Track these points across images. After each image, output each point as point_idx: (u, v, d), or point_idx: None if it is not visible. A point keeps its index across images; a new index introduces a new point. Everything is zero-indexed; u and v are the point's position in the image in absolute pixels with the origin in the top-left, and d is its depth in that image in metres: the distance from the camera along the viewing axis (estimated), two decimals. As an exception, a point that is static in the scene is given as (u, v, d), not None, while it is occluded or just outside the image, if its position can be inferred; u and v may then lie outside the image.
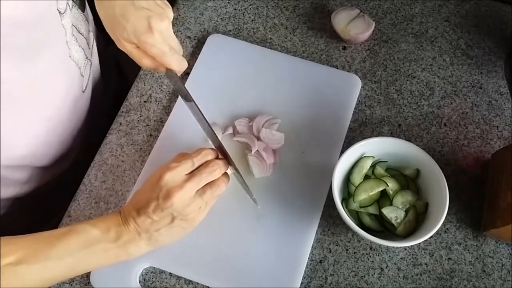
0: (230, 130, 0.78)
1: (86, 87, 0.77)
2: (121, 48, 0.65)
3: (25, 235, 0.58)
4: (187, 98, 0.66)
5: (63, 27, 0.65)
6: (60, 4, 0.63)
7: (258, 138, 0.76)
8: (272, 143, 0.76)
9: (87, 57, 0.75)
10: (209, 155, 0.64)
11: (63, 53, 0.67)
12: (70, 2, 0.67)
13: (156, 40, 0.62)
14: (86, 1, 0.75)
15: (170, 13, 0.66)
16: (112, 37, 0.66)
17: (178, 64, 0.65)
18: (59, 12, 0.62)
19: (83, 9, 0.73)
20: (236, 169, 0.67)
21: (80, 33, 0.72)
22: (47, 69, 0.64)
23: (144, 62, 0.65)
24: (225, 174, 0.65)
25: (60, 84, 0.69)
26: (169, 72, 0.66)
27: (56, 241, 0.58)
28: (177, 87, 0.68)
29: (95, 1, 0.67)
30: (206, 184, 0.62)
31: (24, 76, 0.60)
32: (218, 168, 0.63)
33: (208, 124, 0.66)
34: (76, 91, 0.74)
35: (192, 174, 0.61)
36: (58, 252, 0.57)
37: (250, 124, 0.78)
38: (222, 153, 0.66)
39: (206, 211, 0.64)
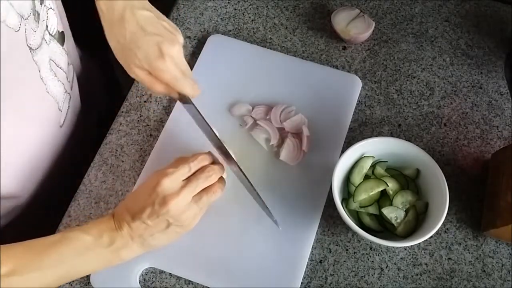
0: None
1: (64, 121, 0.75)
2: (132, 76, 0.66)
3: (17, 244, 0.58)
4: (207, 131, 0.67)
5: (35, 63, 0.63)
6: (32, 40, 0.61)
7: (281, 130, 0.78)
8: (297, 127, 0.77)
9: (66, 91, 0.73)
10: (205, 160, 0.64)
11: (39, 89, 0.66)
12: (48, 37, 0.65)
13: (167, 66, 0.63)
14: (65, 35, 0.72)
15: (180, 37, 0.66)
16: (124, 66, 0.66)
17: (191, 88, 0.66)
18: (30, 49, 0.61)
19: (62, 42, 0.71)
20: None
21: (59, 67, 0.70)
22: (20, 106, 0.63)
23: (157, 88, 0.65)
24: (221, 179, 0.65)
25: (36, 121, 0.68)
26: (183, 98, 0.66)
27: (48, 250, 0.58)
28: (192, 115, 0.68)
29: (106, 33, 0.67)
30: (202, 190, 0.62)
31: None
32: (214, 174, 0.63)
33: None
34: (54, 126, 0.73)
35: (188, 180, 0.62)
36: (50, 261, 0.57)
37: (267, 117, 0.78)
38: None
39: (200, 216, 0.64)
